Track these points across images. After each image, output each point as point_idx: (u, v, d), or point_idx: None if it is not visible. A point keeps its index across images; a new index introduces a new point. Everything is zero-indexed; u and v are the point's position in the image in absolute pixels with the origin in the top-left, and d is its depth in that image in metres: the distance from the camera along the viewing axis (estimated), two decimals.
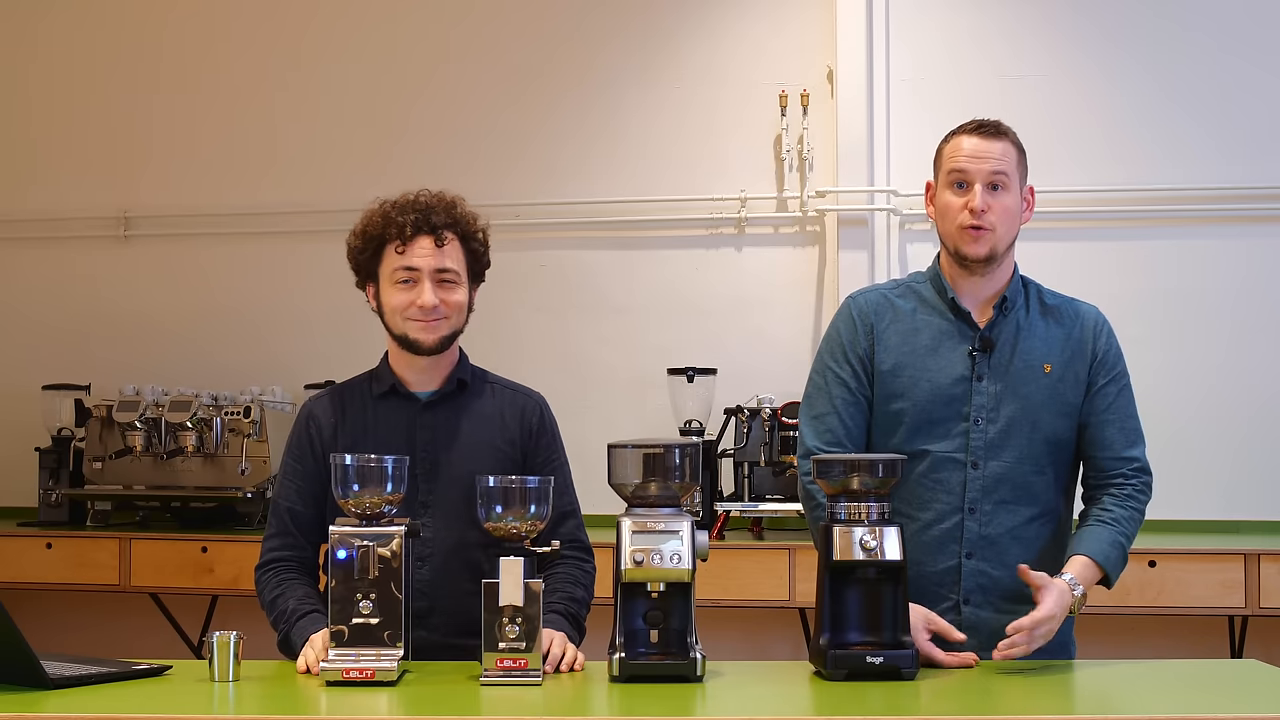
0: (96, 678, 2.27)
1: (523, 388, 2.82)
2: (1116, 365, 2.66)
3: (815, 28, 4.89)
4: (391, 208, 2.67)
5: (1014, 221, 2.62)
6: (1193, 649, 4.39)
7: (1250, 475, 4.62)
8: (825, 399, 2.69)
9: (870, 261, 4.76)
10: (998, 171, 2.58)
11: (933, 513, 2.61)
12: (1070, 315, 2.68)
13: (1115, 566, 2.54)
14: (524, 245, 4.98)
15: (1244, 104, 4.71)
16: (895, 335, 2.67)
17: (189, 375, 4.97)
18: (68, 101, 5.33)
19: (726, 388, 4.67)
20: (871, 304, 2.71)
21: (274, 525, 2.72)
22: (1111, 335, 2.68)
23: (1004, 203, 2.59)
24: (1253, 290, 4.67)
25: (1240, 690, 2.33)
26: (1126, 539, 2.57)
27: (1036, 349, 2.63)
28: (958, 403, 2.61)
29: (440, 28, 5.13)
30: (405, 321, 2.65)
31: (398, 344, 2.70)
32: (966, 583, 2.60)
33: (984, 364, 2.62)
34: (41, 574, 4.58)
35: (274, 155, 5.20)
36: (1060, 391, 2.62)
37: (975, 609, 2.58)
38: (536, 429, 2.76)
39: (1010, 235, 2.62)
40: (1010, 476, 2.60)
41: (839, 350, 2.70)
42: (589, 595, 2.71)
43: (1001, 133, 2.62)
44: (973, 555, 2.59)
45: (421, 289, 2.64)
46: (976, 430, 2.60)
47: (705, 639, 2.33)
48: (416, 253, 2.64)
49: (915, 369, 2.64)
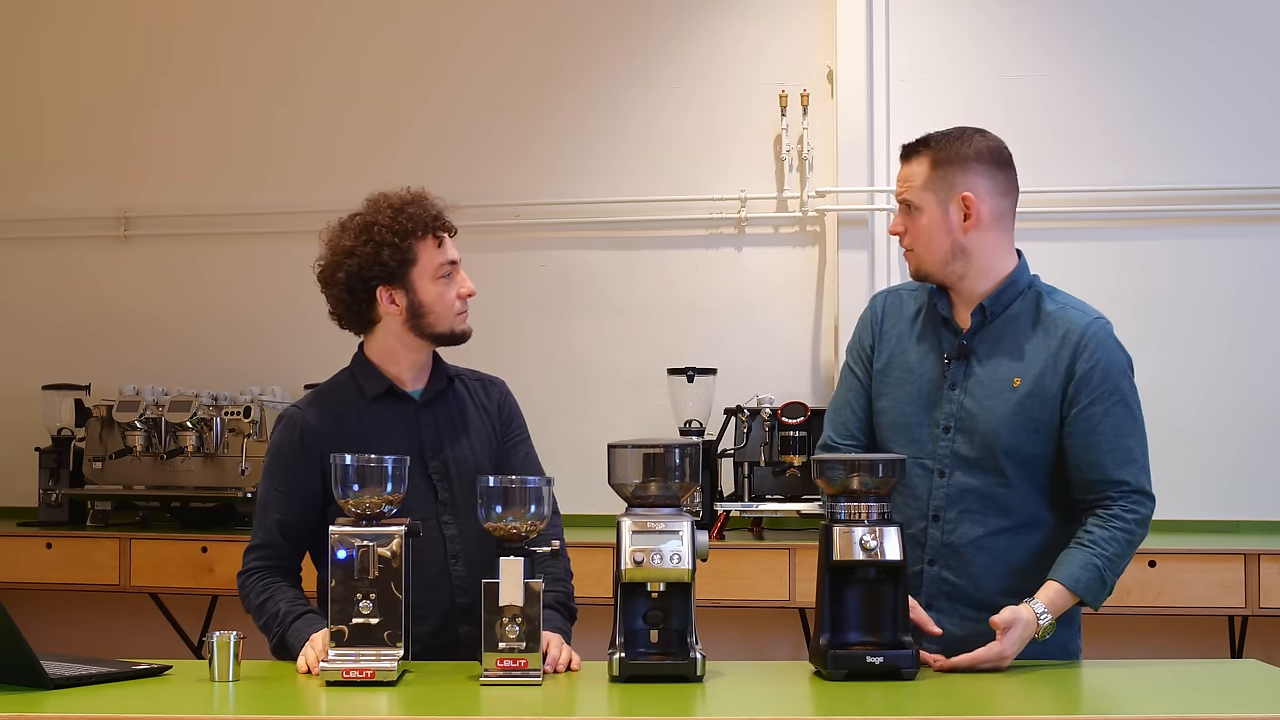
0: (96, 678, 2.27)
1: (485, 374, 2.85)
2: (1104, 384, 2.52)
3: (815, 28, 4.89)
4: (399, 211, 2.64)
5: (935, 238, 2.57)
6: (1193, 649, 4.39)
7: (1250, 475, 4.61)
8: (843, 392, 2.72)
9: (870, 261, 4.76)
10: (905, 197, 2.60)
11: (900, 517, 2.52)
12: (1058, 328, 2.57)
13: (1089, 589, 2.46)
14: (524, 245, 4.98)
15: (1243, 104, 4.71)
16: (894, 333, 2.67)
17: (189, 375, 4.97)
18: (68, 102, 5.33)
19: (726, 388, 4.67)
20: (887, 303, 2.72)
21: (260, 535, 2.68)
22: (1100, 349, 2.53)
23: (918, 223, 2.58)
24: (1252, 291, 4.66)
25: (1240, 690, 2.34)
26: (1104, 559, 2.47)
27: (1010, 362, 2.57)
28: (932, 409, 2.60)
29: (440, 28, 5.13)
30: (454, 316, 2.67)
31: (434, 342, 2.68)
32: (928, 589, 2.58)
33: (958, 372, 2.59)
34: (41, 574, 4.58)
35: (273, 156, 5.20)
36: (1027, 408, 2.54)
37: (938, 614, 2.54)
38: (507, 411, 2.80)
39: (937, 251, 2.57)
40: (976, 488, 2.56)
41: (854, 345, 2.74)
42: (569, 573, 2.73)
43: (915, 153, 2.60)
44: (935, 562, 2.57)
45: (462, 278, 2.69)
46: (945, 439, 2.58)
47: (705, 639, 2.33)
48: (450, 245, 2.69)
49: (900, 370, 2.64)
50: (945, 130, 2.61)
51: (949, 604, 2.58)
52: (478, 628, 2.57)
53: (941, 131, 2.61)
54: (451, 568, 2.64)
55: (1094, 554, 2.48)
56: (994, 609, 2.44)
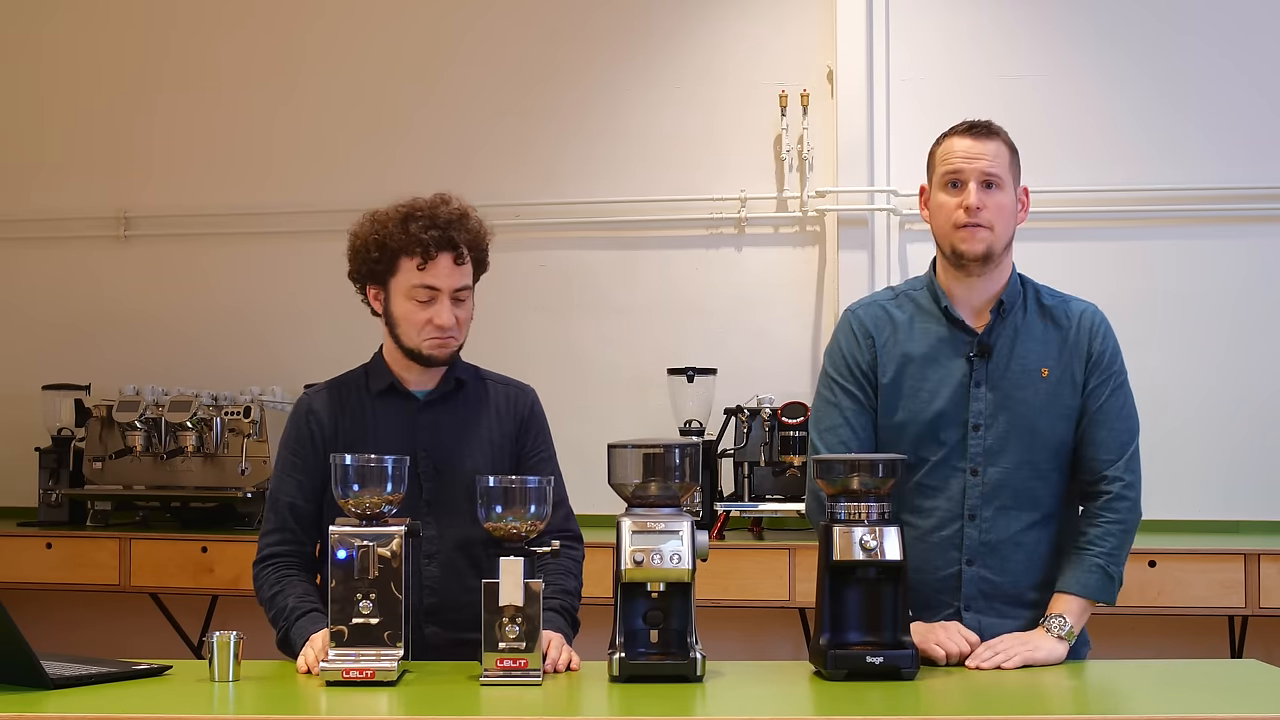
0: (96, 678, 2.27)
1: (514, 381, 2.83)
2: (1112, 365, 2.62)
3: (815, 28, 4.89)
4: (409, 218, 2.63)
5: (1009, 220, 2.60)
6: (1193, 649, 4.39)
7: (1250, 475, 4.61)
8: (835, 412, 2.67)
9: (870, 261, 4.76)
10: (991, 171, 2.57)
11: (934, 519, 2.60)
12: (1067, 316, 2.64)
13: (1101, 589, 2.54)
14: (524, 245, 4.98)
15: (1243, 104, 4.71)
16: (895, 347, 2.66)
17: (189, 375, 4.97)
18: (69, 102, 5.33)
19: (726, 388, 4.67)
20: (871, 317, 2.69)
21: (272, 520, 2.70)
22: (1108, 334, 2.64)
23: (999, 200, 2.58)
24: (1252, 290, 4.66)
25: (1240, 690, 2.34)
26: (1107, 558, 2.54)
27: (1034, 353, 2.61)
28: (957, 409, 2.60)
29: (441, 28, 5.13)
30: (421, 339, 2.65)
31: (405, 355, 2.69)
32: (967, 589, 2.59)
33: (982, 370, 2.61)
34: (41, 574, 4.58)
35: (274, 155, 5.20)
36: (1059, 395, 2.60)
37: (976, 615, 2.58)
38: (528, 420, 2.78)
39: (1006, 234, 2.60)
40: (1010, 482, 2.59)
41: (842, 364, 2.68)
42: (580, 584, 2.74)
43: (994, 133, 2.61)
44: (973, 561, 2.59)
45: (440, 308, 2.63)
46: (975, 437, 2.59)
47: (705, 639, 2.33)
48: (438, 272, 2.62)
49: (914, 379, 2.63)
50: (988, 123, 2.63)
51: (986, 603, 2.59)
52: (447, 630, 2.59)
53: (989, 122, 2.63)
54: (424, 567, 2.64)
55: (1093, 555, 2.54)
56: (1027, 604, 2.52)
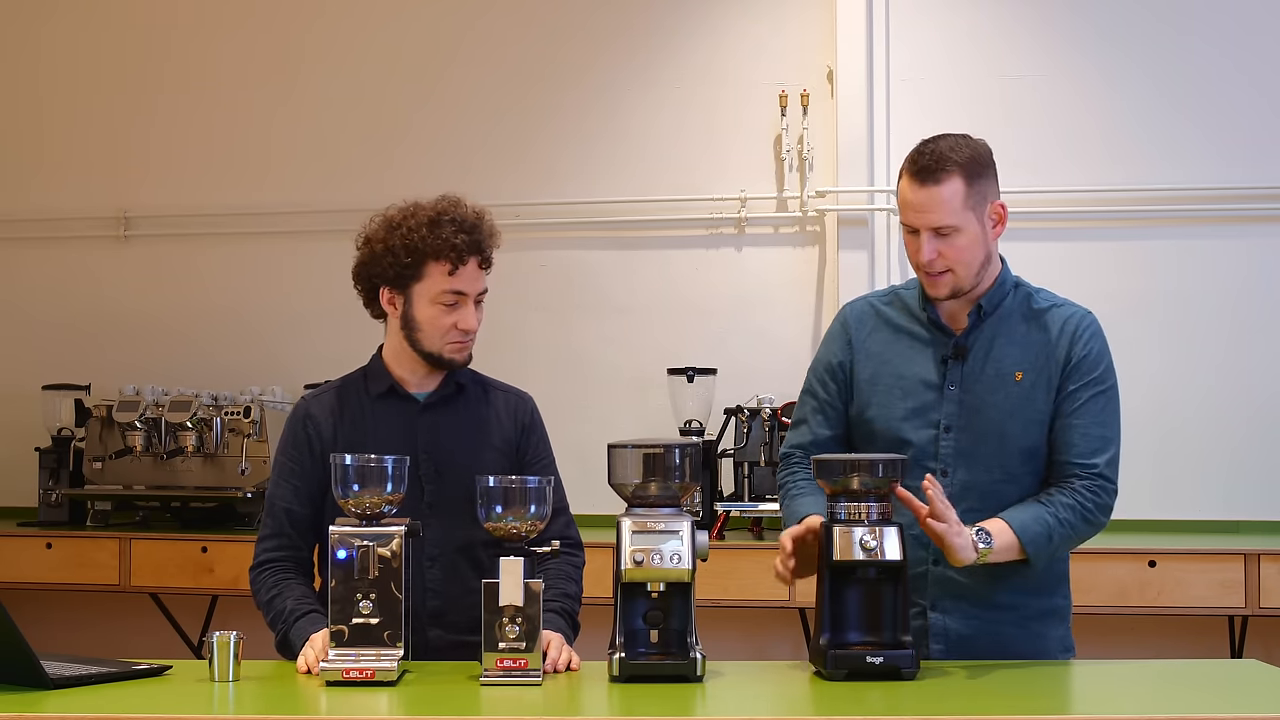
0: (96, 678, 2.27)
1: (514, 388, 2.84)
2: (1094, 371, 2.56)
3: (815, 28, 4.89)
4: (437, 222, 2.62)
5: (975, 254, 2.54)
6: (1193, 649, 4.39)
7: (1249, 475, 4.61)
8: (802, 407, 2.73)
9: (870, 261, 4.76)
10: (943, 224, 2.51)
11: (903, 518, 2.57)
12: (1052, 320, 2.60)
13: (1034, 543, 2.48)
14: (524, 245, 4.98)
15: (1243, 104, 4.71)
16: (876, 344, 2.66)
17: (189, 375, 4.97)
18: (68, 102, 5.33)
19: (726, 388, 4.67)
20: (856, 314, 2.70)
21: (269, 526, 2.70)
22: (1094, 339, 2.58)
23: (957, 244, 2.52)
24: (1252, 290, 4.66)
25: (1240, 690, 2.34)
26: (1056, 520, 2.50)
27: (1011, 357, 2.58)
28: (929, 410, 2.59)
29: (440, 28, 5.13)
30: (444, 343, 2.65)
31: (422, 358, 2.69)
32: (933, 588, 2.58)
33: (956, 372, 2.59)
34: (41, 574, 4.58)
35: (273, 156, 5.20)
36: (1032, 400, 2.57)
37: (942, 615, 2.56)
38: (529, 427, 2.79)
39: (974, 265, 2.55)
40: (979, 485, 2.57)
41: (819, 361, 2.72)
42: (580, 589, 2.74)
43: (944, 173, 2.50)
44: (939, 561, 2.56)
45: (465, 312, 2.65)
46: (946, 438, 2.57)
47: (705, 639, 2.33)
48: (466, 276, 2.64)
49: (890, 377, 2.63)
50: (950, 143, 2.53)
51: (953, 603, 2.58)
52: (450, 633, 2.59)
53: (949, 145, 2.53)
54: (427, 570, 2.64)
55: (1048, 511, 2.52)
56: (996, 607, 2.48)
